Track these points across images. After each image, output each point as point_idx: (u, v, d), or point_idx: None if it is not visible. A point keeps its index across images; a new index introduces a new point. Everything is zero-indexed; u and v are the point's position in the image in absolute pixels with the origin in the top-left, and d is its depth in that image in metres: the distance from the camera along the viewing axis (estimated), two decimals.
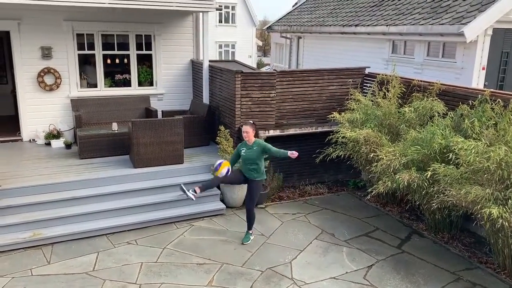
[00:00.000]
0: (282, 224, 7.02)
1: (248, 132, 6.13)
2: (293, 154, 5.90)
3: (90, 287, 5.24)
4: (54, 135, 8.68)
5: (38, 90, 8.90)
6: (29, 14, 8.51)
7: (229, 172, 6.07)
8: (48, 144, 8.68)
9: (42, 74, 8.82)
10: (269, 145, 6.19)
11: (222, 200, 7.47)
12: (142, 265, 5.74)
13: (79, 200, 6.72)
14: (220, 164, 6.06)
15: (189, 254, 6.03)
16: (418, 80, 7.62)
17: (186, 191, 6.12)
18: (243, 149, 6.20)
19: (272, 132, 8.10)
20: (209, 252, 6.09)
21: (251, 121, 6.42)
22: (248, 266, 5.79)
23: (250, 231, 6.44)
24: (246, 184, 6.45)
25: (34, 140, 8.99)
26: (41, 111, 8.96)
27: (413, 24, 9.65)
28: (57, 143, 8.59)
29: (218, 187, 7.46)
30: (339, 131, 7.36)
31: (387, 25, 10.43)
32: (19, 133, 9.06)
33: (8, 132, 9.18)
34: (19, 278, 5.39)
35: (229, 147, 7.65)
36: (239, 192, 7.34)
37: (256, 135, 6.42)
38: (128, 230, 6.63)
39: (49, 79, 8.93)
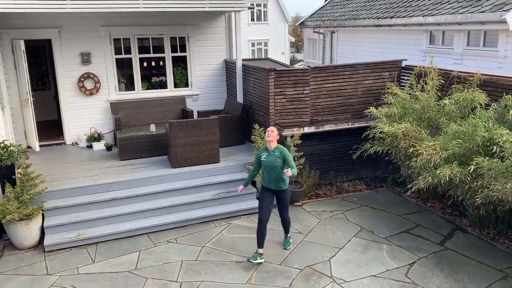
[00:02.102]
0: (319, 222, 6.97)
1: (273, 131, 5.71)
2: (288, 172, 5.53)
3: (133, 285, 5.40)
4: (95, 138, 8.99)
5: (79, 94, 9.23)
6: (69, 22, 8.83)
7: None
8: (90, 146, 8.99)
9: (82, 79, 9.14)
10: (290, 157, 5.70)
11: (258, 198, 7.48)
12: (182, 263, 5.86)
13: (121, 201, 6.93)
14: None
15: (227, 252, 6.10)
16: (457, 71, 7.36)
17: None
18: (263, 154, 5.75)
19: (307, 129, 8.04)
20: (247, 250, 6.13)
21: (278, 126, 6.20)
22: (286, 264, 5.78)
23: (288, 235, 6.31)
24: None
25: (76, 143, 9.34)
26: (82, 115, 9.29)
27: (451, 13, 9.31)
28: (98, 146, 8.89)
29: (254, 185, 7.50)
30: (376, 126, 7.21)
31: (423, 16, 10.12)
32: (63, 137, 9.43)
33: (52, 136, 9.57)
34: (67, 276, 5.62)
35: (264, 145, 7.63)
36: None
37: (282, 143, 6.14)
38: (168, 229, 6.78)
39: (89, 84, 9.24)
